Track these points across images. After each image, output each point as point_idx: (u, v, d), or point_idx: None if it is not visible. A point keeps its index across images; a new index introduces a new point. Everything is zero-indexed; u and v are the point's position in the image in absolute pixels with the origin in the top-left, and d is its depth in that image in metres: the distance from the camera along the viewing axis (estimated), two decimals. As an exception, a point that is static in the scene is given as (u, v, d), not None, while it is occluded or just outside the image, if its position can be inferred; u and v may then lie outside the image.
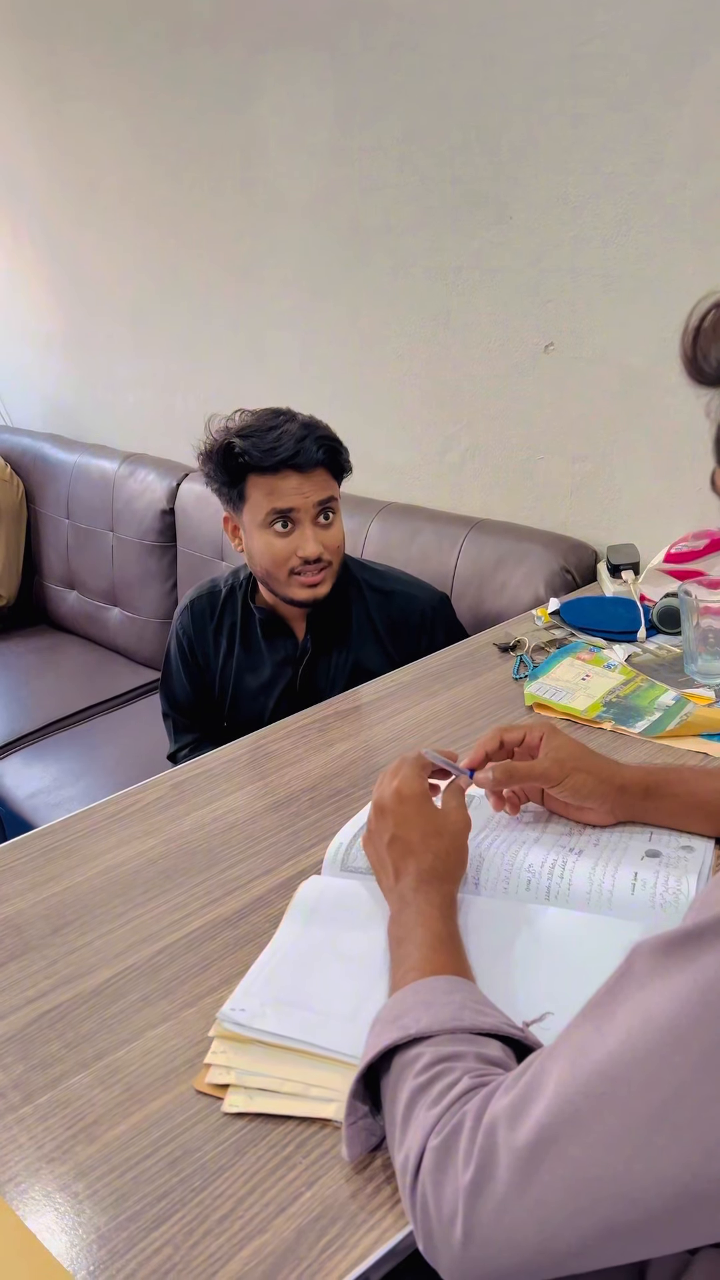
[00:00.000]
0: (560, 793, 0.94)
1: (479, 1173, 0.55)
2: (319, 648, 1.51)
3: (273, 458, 1.35)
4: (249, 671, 1.54)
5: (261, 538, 1.41)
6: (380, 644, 1.51)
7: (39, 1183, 0.68)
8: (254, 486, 1.39)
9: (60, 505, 2.70)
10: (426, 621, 1.52)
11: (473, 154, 1.69)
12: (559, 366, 1.70)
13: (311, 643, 1.51)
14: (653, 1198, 0.50)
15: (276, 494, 1.38)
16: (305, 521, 1.39)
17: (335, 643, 1.51)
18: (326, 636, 1.51)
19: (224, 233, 2.20)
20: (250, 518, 1.41)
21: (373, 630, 1.51)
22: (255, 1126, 0.71)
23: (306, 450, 1.36)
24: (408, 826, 0.85)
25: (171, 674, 1.60)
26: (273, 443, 1.35)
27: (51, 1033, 0.81)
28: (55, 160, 2.58)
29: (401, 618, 1.51)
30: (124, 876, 1.00)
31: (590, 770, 0.94)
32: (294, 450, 1.35)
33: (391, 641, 1.51)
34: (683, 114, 1.43)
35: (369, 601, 1.52)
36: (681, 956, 0.51)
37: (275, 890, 0.95)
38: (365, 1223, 0.64)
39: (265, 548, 1.41)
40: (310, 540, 1.39)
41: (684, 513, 1.61)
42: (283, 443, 1.35)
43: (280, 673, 1.51)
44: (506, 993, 0.76)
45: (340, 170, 1.90)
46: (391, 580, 1.55)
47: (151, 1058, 0.78)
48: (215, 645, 1.55)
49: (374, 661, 1.50)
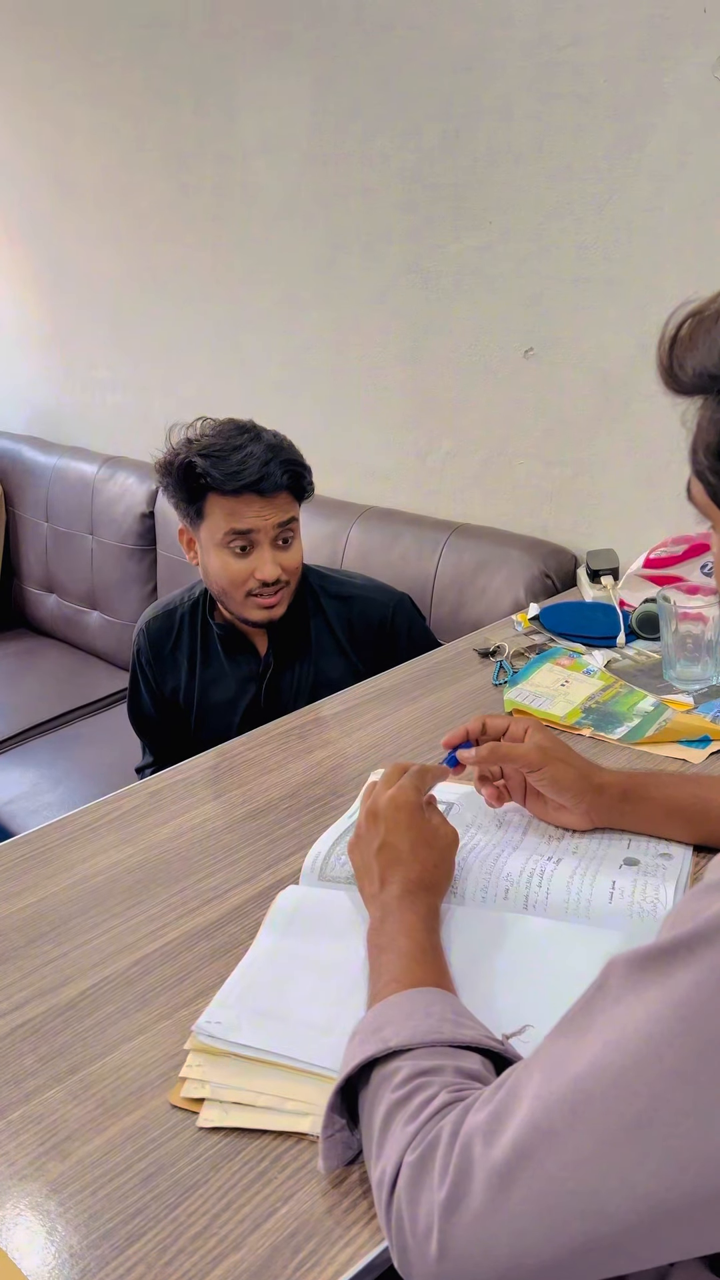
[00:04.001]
0: (539, 780, 0.94)
1: (454, 1188, 0.54)
2: (281, 662, 1.49)
3: (236, 481, 1.32)
4: (212, 686, 1.51)
5: (219, 557, 1.38)
6: (342, 652, 1.49)
7: (10, 1200, 0.68)
8: (214, 505, 1.36)
9: (39, 508, 2.68)
10: (387, 624, 1.50)
11: (451, 158, 1.69)
12: (538, 371, 1.71)
13: (274, 657, 1.49)
14: (628, 1213, 0.49)
15: (236, 516, 1.35)
16: (264, 543, 1.37)
17: (297, 655, 1.49)
18: (288, 650, 1.49)
19: (204, 235, 2.19)
20: (208, 536, 1.38)
21: (333, 639, 1.49)
22: (230, 1141, 0.70)
23: (270, 475, 1.33)
24: (399, 834, 0.85)
25: (136, 695, 1.58)
26: (236, 466, 1.32)
27: (25, 1046, 0.80)
28: (34, 162, 2.57)
29: (362, 622, 1.50)
30: (101, 886, 0.99)
31: (570, 764, 0.95)
32: (258, 475, 1.32)
33: (354, 648, 1.49)
34: (661, 119, 1.43)
35: (327, 610, 1.50)
36: (656, 971, 0.51)
37: (253, 900, 0.95)
38: (340, 1239, 0.64)
39: (222, 568, 1.38)
40: (268, 562, 1.37)
41: (663, 518, 1.62)
42: (247, 466, 1.32)
43: (244, 689, 1.49)
44: (486, 1002, 0.76)
45: (319, 173, 1.90)
46: (349, 586, 1.53)
47: (126, 1071, 0.77)
48: (175, 665, 1.53)
49: (336, 671, 1.48)
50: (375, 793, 0.90)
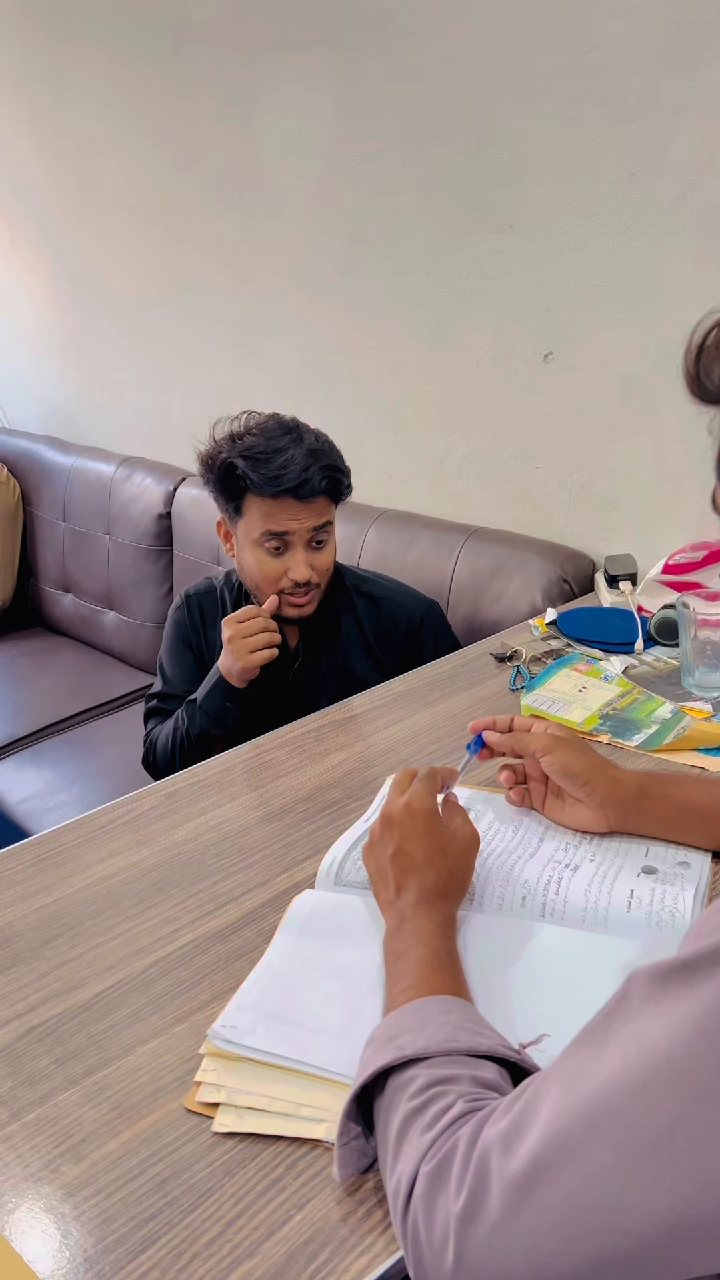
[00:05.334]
0: (551, 766, 0.96)
1: (471, 1200, 0.54)
2: (310, 654, 1.50)
3: (275, 487, 1.34)
4: None
5: (254, 554, 1.41)
6: (369, 651, 1.51)
7: (25, 1203, 0.68)
8: (251, 505, 1.38)
9: (57, 508, 2.69)
10: (415, 629, 1.51)
11: (474, 161, 1.68)
12: (558, 376, 1.70)
13: (303, 649, 1.50)
14: (646, 1229, 0.49)
15: (273, 518, 1.37)
16: (298, 545, 1.39)
17: (325, 649, 1.51)
18: (317, 643, 1.51)
19: (223, 236, 2.20)
20: (244, 532, 1.41)
21: (361, 637, 1.51)
22: (245, 1147, 0.70)
23: (310, 480, 1.34)
24: (414, 841, 0.85)
25: (171, 656, 1.57)
26: (276, 471, 1.33)
27: (40, 1048, 0.80)
28: (55, 162, 2.57)
29: (390, 625, 1.51)
30: (116, 888, 0.99)
31: (583, 752, 0.97)
32: (298, 481, 1.33)
33: (381, 648, 1.51)
34: (685, 123, 1.42)
35: (358, 608, 1.52)
36: (679, 985, 0.50)
37: (268, 904, 0.95)
38: (355, 1247, 0.63)
39: (257, 565, 1.41)
40: (301, 564, 1.39)
41: (683, 524, 1.61)
42: (287, 471, 1.33)
43: (273, 678, 1.51)
44: (503, 1011, 0.75)
45: (341, 175, 1.90)
46: (380, 587, 1.55)
47: (141, 1075, 0.77)
48: (217, 635, 1.53)
49: (363, 668, 1.49)
50: (389, 799, 0.90)
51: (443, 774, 0.93)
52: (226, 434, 1.40)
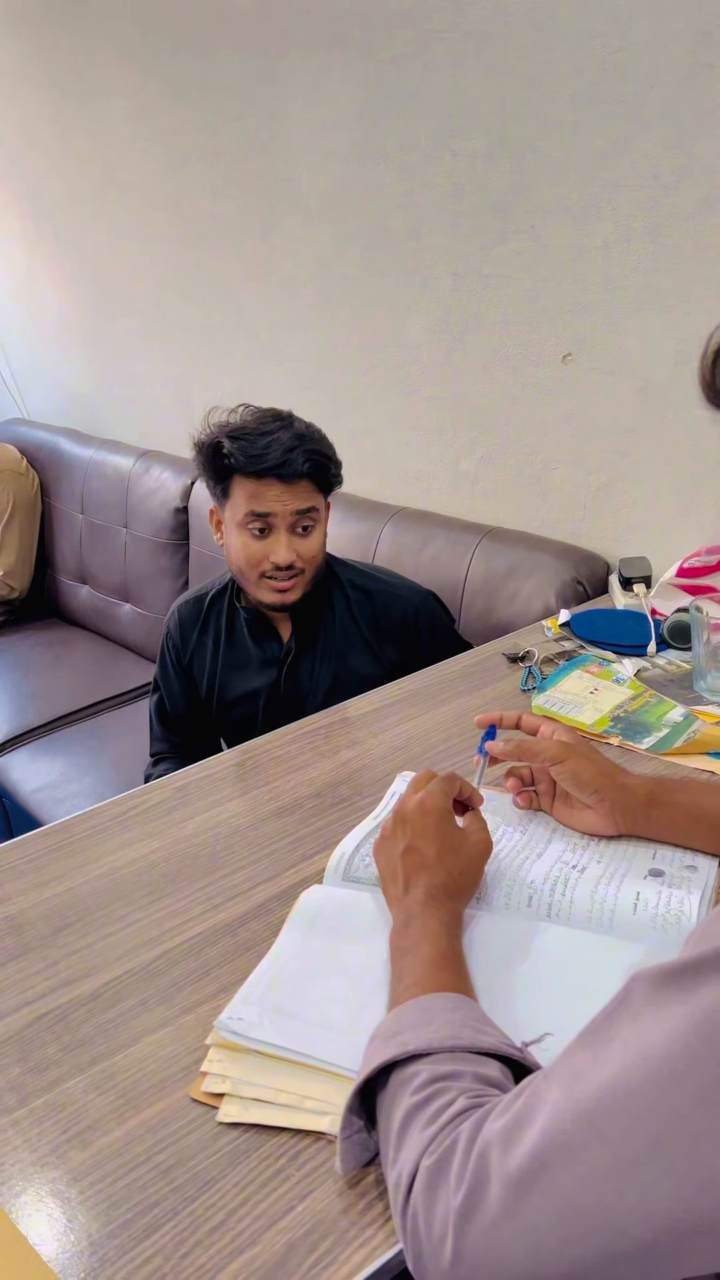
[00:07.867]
0: (561, 774, 0.95)
1: (470, 1195, 0.54)
2: (302, 649, 1.51)
3: (257, 464, 1.36)
4: (235, 670, 1.54)
5: (238, 537, 1.42)
6: (367, 645, 1.51)
7: (32, 1187, 0.69)
8: (238, 486, 1.40)
9: (75, 500, 2.70)
10: (410, 621, 1.52)
11: (496, 162, 1.68)
12: (576, 377, 1.70)
13: (296, 643, 1.51)
14: (644, 1230, 0.50)
15: (257, 498, 1.38)
16: (281, 529, 1.40)
17: (318, 644, 1.51)
18: (309, 638, 1.51)
19: (244, 233, 2.20)
20: (230, 515, 1.43)
21: (358, 632, 1.51)
22: (249, 1137, 0.71)
23: (293, 462, 1.36)
24: (425, 839, 0.85)
25: (164, 675, 1.61)
26: (261, 450, 1.36)
27: (49, 1035, 0.81)
28: (76, 158, 2.59)
29: (385, 617, 1.52)
30: (126, 879, 1.00)
31: (593, 760, 0.96)
32: (280, 460, 1.35)
33: (377, 641, 1.51)
34: (709, 126, 1.42)
35: (351, 600, 1.52)
36: (679, 988, 0.51)
37: (276, 898, 0.95)
38: (356, 1239, 0.64)
39: (240, 548, 1.42)
40: (283, 547, 1.40)
41: (698, 527, 1.61)
42: (271, 450, 1.35)
43: (265, 673, 1.52)
44: (506, 1009, 0.76)
45: (362, 174, 1.90)
46: (373, 579, 1.55)
47: (148, 1064, 0.78)
48: (200, 647, 1.56)
49: (358, 661, 1.50)
50: (404, 796, 0.91)
51: (464, 787, 0.93)
52: (220, 421, 1.42)
